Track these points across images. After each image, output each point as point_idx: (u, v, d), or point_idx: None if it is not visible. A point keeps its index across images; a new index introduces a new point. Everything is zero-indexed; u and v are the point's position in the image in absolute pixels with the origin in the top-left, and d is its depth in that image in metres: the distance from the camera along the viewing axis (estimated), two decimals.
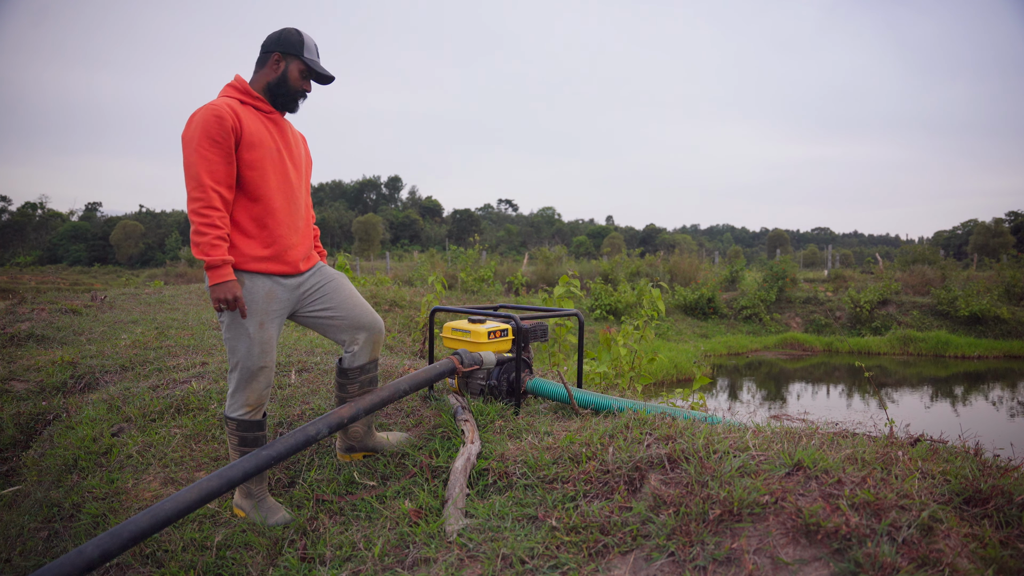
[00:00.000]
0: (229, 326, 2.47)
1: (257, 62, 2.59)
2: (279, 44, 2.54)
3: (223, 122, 2.36)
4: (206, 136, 2.33)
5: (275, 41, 2.54)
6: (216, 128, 2.34)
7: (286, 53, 2.53)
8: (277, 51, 2.53)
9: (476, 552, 1.91)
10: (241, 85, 2.53)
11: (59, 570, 1.78)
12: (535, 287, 16.97)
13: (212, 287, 2.35)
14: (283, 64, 2.54)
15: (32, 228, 60.90)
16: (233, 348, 2.48)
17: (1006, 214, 51.53)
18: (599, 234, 60.23)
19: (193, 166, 2.33)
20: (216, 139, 2.34)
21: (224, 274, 2.34)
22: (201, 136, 2.33)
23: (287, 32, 2.56)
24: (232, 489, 2.26)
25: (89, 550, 1.84)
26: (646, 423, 2.37)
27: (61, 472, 3.22)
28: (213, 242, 2.32)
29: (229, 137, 2.38)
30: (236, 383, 2.52)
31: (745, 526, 1.67)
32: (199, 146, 2.32)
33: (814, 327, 15.29)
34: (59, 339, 6.05)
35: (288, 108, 2.61)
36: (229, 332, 2.48)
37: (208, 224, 2.32)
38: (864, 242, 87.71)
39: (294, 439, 2.31)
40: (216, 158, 2.35)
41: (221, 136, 2.35)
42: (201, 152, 2.33)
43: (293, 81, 2.54)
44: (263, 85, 2.54)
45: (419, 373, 2.71)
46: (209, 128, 2.34)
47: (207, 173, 2.33)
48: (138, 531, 1.94)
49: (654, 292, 6.78)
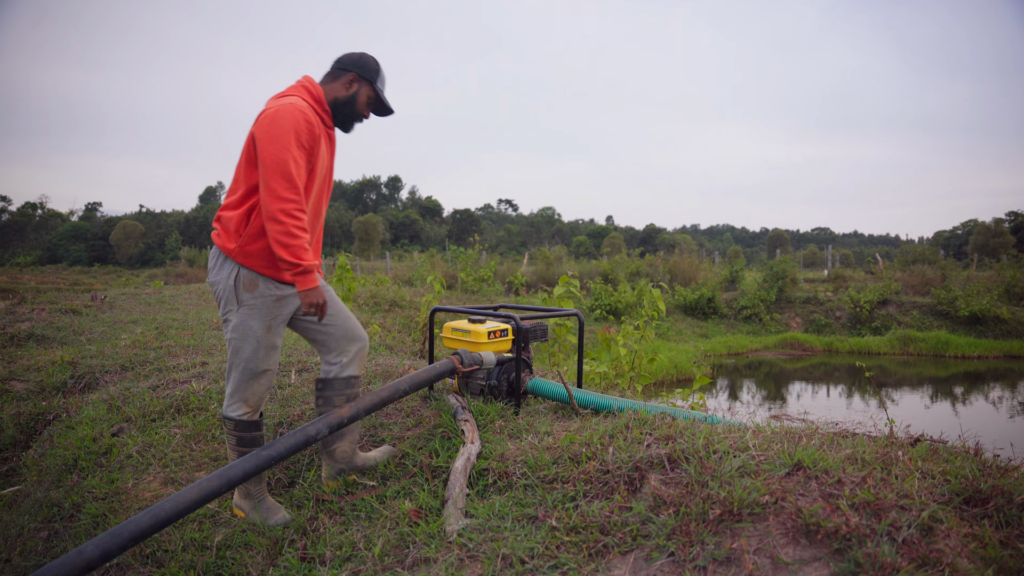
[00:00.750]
0: (237, 326, 2.45)
1: (328, 75, 2.62)
2: (357, 66, 2.60)
3: (312, 129, 2.40)
4: (297, 138, 2.34)
5: (354, 62, 2.60)
6: (306, 134, 2.37)
7: (361, 77, 2.59)
8: (354, 72, 2.59)
9: (476, 552, 1.91)
10: (316, 93, 2.54)
11: (59, 570, 1.78)
12: (535, 287, 16.96)
13: (307, 291, 2.38)
14: (356, 86, 2.59)
15: (32, 228, 60.92)
16: (238, 348, 2.47)
17: (1006, 214, 51.55)
18: (599, 234, 60.23)
19: (285, 164, 2.31)
20: (304, 144, 2.37)
21: (315, 279, 2.39)
22: (293, 137, 2.33)
23: (367, 57, 2.62)
24: (232, 489, 2.26)
25: (89, 550, 1.84)
26: (646, 423, 2.37)
27: (61, 472, 3.22)
28: (305, 246, 2.35)
29: (314, 145, 2.42)
30: (236, 383, 2.51)
31: (745, 526, 1.67)
32: (291, 146, 2.32)
33: (814, 327, 15.29)
34: (59, 339, 6.05)
35: (344, 128, 2.65)
36: (236, 332, 2.45)
37: (300, 228, 2.33)
38: (864, 242, 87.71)
39: (294, 439, 2.31)
40: (302, 162, 2.37)
41: (309, 142, 2.39)
42: (292, 153, 2.32)
43: (360, 105, 2.60)
44: (331, 99, 2.57)
45: (419, 373, 2.70)
46: (300, 131, 2.35)
47: (297, 176, 2.34)
48: (138, 531, 1.94)
49: (654, 292, 6.78)
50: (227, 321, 2.48)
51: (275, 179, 2.29)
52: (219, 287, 2.48)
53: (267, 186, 2.30)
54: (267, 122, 2.34)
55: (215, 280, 2.49)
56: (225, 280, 2.45)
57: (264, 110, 2.41)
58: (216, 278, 2.48)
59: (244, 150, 2.44)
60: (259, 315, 2.45)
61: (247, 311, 2.45)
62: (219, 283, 2.47)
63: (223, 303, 2.48)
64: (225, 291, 2.45)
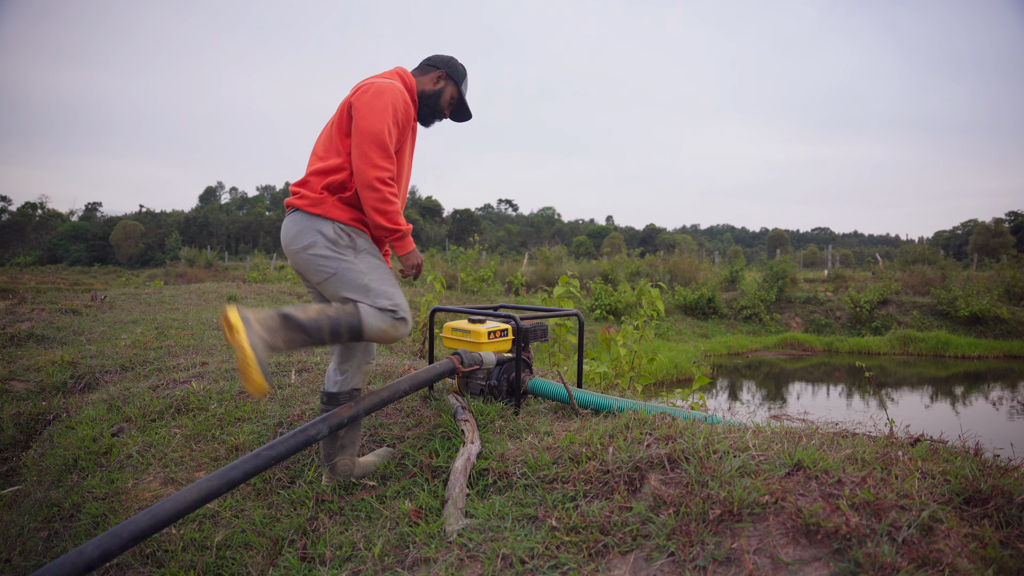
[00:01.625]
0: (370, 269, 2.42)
1: (418, 69, 2.71)
2: (447, 66, 2.71)
3: (408, 110, 2.49)
4: (394, 115, 2.41)
5: (445, 62, 2.71)
6: (403, 113, 2.45)
7: (449, 76, 2.70)
8: (444, 70, 2.69)
9: (476, 552, 1.91)
10: (409, 82, 2.61)
11: (59, 570, 1.78)
12: (535, 287, 16.96)
13: (407, 254, 2.48)
14: (443, 83, 2.69)
15: (32, 228, 60.90)
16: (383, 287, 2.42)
17: (1006, 214, 51.56)
18: (599, 234, 60.20)
19: (382, 135, 2.35)
20: (399, 123, 2.45)
21: (411, 242, 2.48)
22: (392, 112, 2.40)
23: (456, 61, 2.74)
24: (232, 489, 2.25)
25: (89, 550, 1.84)
26: (646, 423, 2.37)
27: (61, 472, 3.22)
28: (400, 211, 2.42)
29: (405, 127, 2.49)
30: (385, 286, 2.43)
31: (745, 526, 1.67)
32: (388, 120, 2.38)
33: (814, 327, 15.29)
34: (59, 339, 6.05)
35: (425, 122, 2.73)
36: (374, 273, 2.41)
37: (394, 194, 2.39)
38: (864, 242, 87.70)
39: (295, 440, 2.31)
40: (395, 137, 2.43)
41: (404, 121, 2.47)
42: (388, 126, 2.38)
43: (443, 102, 2.69)
44: (419, 91, 2.65)
45: (419, 373, 2.70)
46: (398, 109, 2.42)
47: (391, 146, 2.39)
48: (138, 531, 1.94)
49: (654, 292, 6.78)
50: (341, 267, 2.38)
51: (371, 148, 2.34)
52: (317, 247, 2.39)
53: (363, 154, 2.34)
54: (369, 94, 2.39)
55: (308, 241, 2.40)
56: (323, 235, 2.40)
57: (364, 84, 2.45)
58: (310, 239, 2.40)
59: (337, 122, 2.47)
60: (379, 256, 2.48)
61: (367, 256, 2.45)
62: (315, 243, 2.40)
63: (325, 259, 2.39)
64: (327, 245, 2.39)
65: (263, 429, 3.19)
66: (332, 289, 2.43)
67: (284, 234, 2.51)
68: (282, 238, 2.52)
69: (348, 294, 2.40)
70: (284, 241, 2.50)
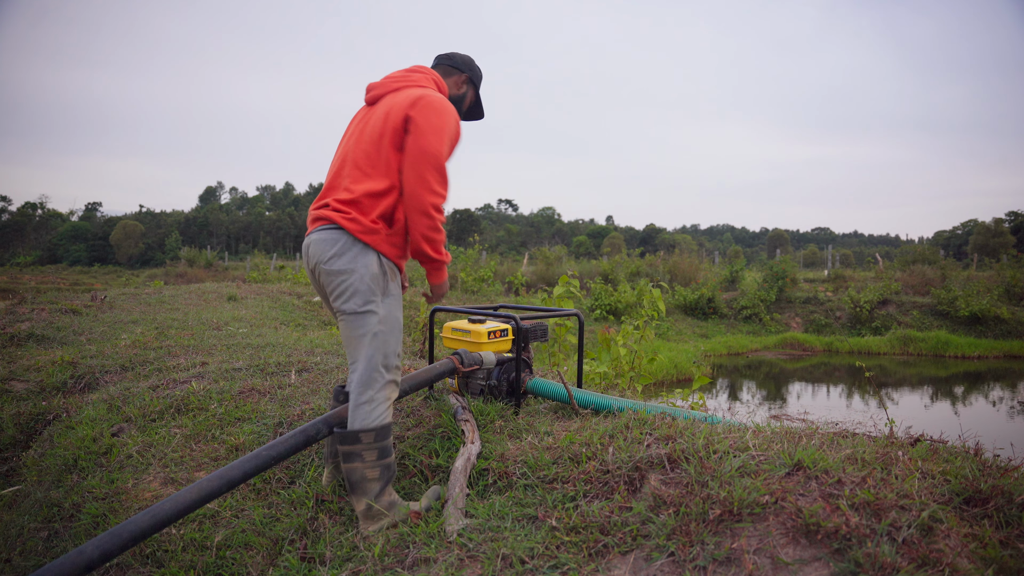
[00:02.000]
0: (385, 318, 2.27)
1: (440, 70, 2.64)
2: (469, 69, 2.66)
3: (459, 128, 2.41)
4: (451, 136, 2.34)
5: (467, 65, 2.66)
6: (455, 133, 2.39)
7: (471, 80, 2.68)
8: (467, 74, 2.66)
9: (476, 552, 1.91)
10: (443, 91, 2.55)
11: (59, 570, 1.78)
12: (535, 287, 16.97)
13: (440, 284, 2.47)
14: (465, 88, 2.67)
15: (32, 228, 60.95)
16: (386, 341, 2.28)
17: (1006, 214, 51.59)
18: (599, 234, 60.22)
19: (441, 158, 2.27)
20: (452, 142, 2.37)
21: (446, 271, 2.46)
22: (449, 134, 2.32)
23: (475, 62, 2.71)
24: (232, 489, 2.25)
25: (89, 550, 1.84)
26: (646, 423, 2.37)
27: (61, 472, 3.22)
28: (444, 240, 2.37)
29: (455, 145, 2.41)
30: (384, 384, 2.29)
31: (745, 526, 1.67)
32: (447, 141, 2.30)
33: (814, 327, 15.29)
34: (59, 339, 6.05)
35: None
36: (385, 325, 2.26)
37: (443, 222, 2.35)
38: (864, 242, 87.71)
39: (294, 440, 2.31)
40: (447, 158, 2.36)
41: (455, 140, 2.39)
42: (447, 151, 2.31)
43: (464, 106, 2.69)
44: (448, 97, 2.59)
45: (419, 373, 2.70)
46: (453, 135, 2.36)
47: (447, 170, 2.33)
48: (138, 531, 1.94)
49: (655, 292, 6.78)
50: (367, 313, 2.24)
51: (431, 171, 2.23)
52: (354, 276, 2.23)
53: (421, 177, 2.22)
54: (431, 110, 2.27)
55: (347, 268, 2.23)
56: (366, 268, 2.24)
57: (422, 98, 2.30)
58: (350, 265, 2.23)
59: (388, 132, 2.29)
60: (399, 304, 2.34)
61: (394, 301, 2.31)
62: (355, 272, 2.23)
63: (358, 294, 2.24)
64: (367, 279, 2.24)
65: (263, 429, 3.19)
66: (347, 324, 2.28)
67: (317, 248, 2.30)
68: (312, 250, 2.31)
69: (357, 336, 2.27)
70: (315, 255, 2.30)
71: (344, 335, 2.30)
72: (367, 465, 2.25)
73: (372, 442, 2.25)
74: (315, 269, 2.33)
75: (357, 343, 2.26)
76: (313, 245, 2.32)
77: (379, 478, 2.27)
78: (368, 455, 2.25)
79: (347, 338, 2.30)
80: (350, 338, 2.28)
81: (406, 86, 2.42)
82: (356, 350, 2.27)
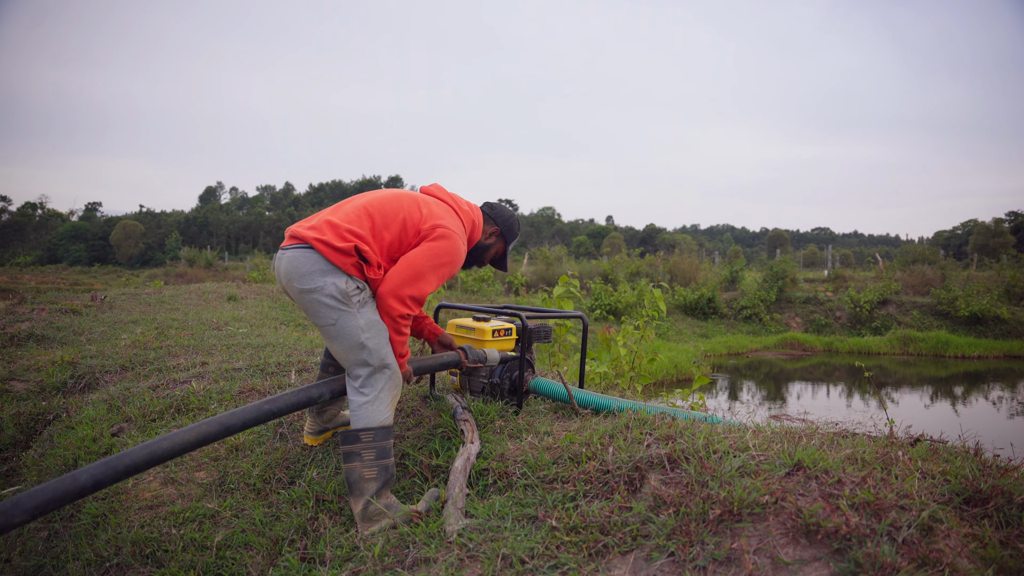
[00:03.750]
0: (369, 325, 2.35)
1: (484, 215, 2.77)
2: (505, 225, 2.81)
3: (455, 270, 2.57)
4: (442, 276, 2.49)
5: (504, 220, 2.81)
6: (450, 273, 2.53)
7: (503, 235, 2.82)
8: (500, 228, 2.80)
9: (476, 552, 1.91)
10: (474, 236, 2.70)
11: (52, 491, 1.79)
12: (535, 287, 16.97)
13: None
14: (494, 240, 2.81)
15: (32, 228, 60.93)
16: (378, 346, 2.35)
17: (1006, 214, 51.56)
18: (599, 234, 60.18)
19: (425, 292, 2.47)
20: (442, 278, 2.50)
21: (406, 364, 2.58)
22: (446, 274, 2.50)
23: (515, 221, 2.85)
24: (228, 436, 2.26)
25: (83, 477, 1.85)
26: (646, 423, 2.37)
27: (61, 472, 3.22)
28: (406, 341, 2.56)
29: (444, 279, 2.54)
30: (384, 384, 2.37)
31: (745, 526, 1.67)
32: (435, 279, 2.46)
33: (814, 327, 15.29)
34: (59, 339, 6.05)
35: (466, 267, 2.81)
36: (370, 331, 2.34)
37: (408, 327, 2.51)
38: (864, 242, 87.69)
39: (296, 397, 2.34)
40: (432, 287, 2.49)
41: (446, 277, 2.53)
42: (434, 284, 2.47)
43: (487, 256, 2.83)
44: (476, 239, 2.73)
45: (425, 358, 2.72)
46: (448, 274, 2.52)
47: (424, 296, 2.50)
48: (132, 464, 1.94)
49: (655, 292, 6.78)
50: (357, 328, 2.34)
51: (411, 289, 2.39)
52: (327, 290, 2.32)
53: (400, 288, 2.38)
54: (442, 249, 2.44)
55: (319, 284, 2.32)
56: (335, 283, 2.33)
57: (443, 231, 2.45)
58: (320, 283, 2.32)
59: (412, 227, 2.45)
60: (374, 307, 2.44)
61: (372, 309, 2.40)
62: (326, 286, 2.32)
63: (328, 309, 2.33)
64: (337, 293, 2.32)
65: (263, 429, 3.19)
66: (331, 340, 2.38)
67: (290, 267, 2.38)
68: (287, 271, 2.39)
69: (344, 350, 2.36)
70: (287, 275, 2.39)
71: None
72: (365, 465, 2.29)
73: (371, 441, 2.30)
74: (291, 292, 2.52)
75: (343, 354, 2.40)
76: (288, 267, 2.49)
77: (376, 479, 2.29)
78: (367, 454, 2.30)
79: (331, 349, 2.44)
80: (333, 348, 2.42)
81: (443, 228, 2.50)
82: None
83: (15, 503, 1.73)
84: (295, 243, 2.40)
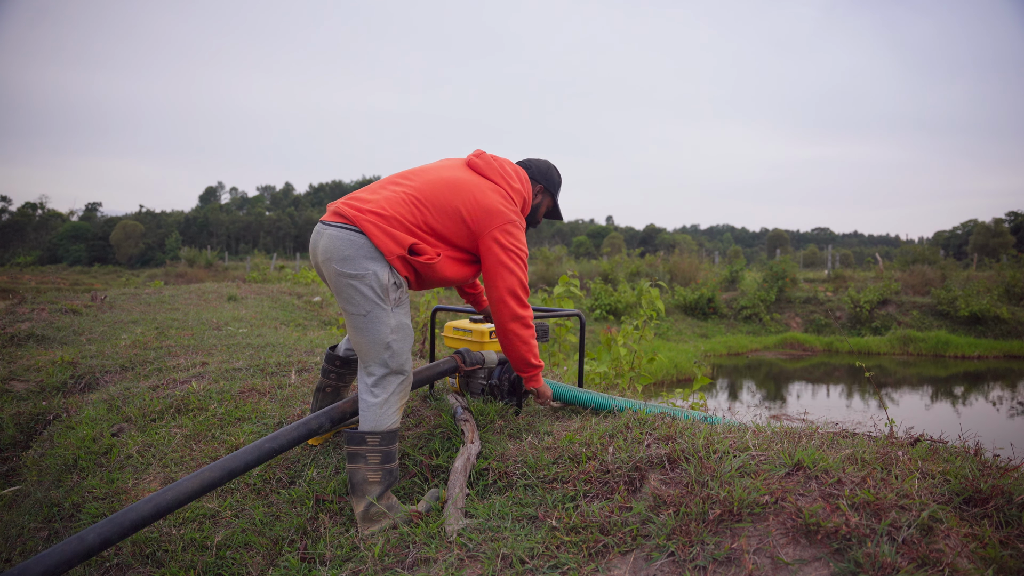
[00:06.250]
0: (397, 327, 2.33)
1: (527, 174, 2.76)
2: (545, 180, 2.80)
3: None
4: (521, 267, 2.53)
5: (543, 176, 2.80)
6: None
7: (547, 190, 2.82)
8: (543, 184, 2.80)
9: (476, 552, 1.91)
10: (526, 207, 2.68)
11: (60, 555, 1.78)
12: (535, 287, 16.96)
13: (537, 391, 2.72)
14: (541, 198, 2.81)
15: (32, 228, 60.91)
16: (400, 350, 2.34)
17: (1006, 214, 51.51)
18: (599, 234, 60.17)
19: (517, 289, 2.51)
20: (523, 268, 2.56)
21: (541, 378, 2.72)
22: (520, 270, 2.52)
23: (553, 171, 2.84)
24: (233, 479, 2.24)
25: (90, 537, 1.85)
26: (646, 423, 2.37)
27: (61, 472, 3.22)
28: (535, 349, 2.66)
29: None
30: (396, 388, 2.36)
31: (745, 526, 1.67)
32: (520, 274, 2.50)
33: (814, 327, 15.29)
34: (59, 339, 6.05)
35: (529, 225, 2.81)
36: (397, 334, 2.33)
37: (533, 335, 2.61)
38: (864, 242, 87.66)
39: (296, 432, 2.32)
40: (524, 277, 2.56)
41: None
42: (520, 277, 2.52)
43: (539, 214, 2.85)
44: (528, 208, 2.73)
45: (422, 370, 2.71)
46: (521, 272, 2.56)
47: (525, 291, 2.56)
48: (139, 519, 1.93)
49: (653, 292, 6.78)
50: (383, 322, 2.30)
51: (511, 298, 2.44)
52: (368, 280, 2.26)
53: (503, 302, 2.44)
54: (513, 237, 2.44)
55: (362, 272, 2.26)
56: (378, 273, 2.27)
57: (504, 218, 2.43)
58: (363, 270, 2.26)
59: (469, 217, 2.39)
60: (407, 310, 2.42)
61: (404, 311, 2.37)
62: (368, 275, 2.26)
63: (364, 299, 2.28)
64: (377, 286, 2.27)
65: (263, 429, 3.19)
66: (356, 331, 2.33)
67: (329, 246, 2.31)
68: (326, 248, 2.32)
69: (367, 343, 2.32)
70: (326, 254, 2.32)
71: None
72: (369, 467, 2.29)
73: (377, 444, 2.29)
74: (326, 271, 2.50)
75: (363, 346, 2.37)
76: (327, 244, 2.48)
77: (380, 482, 2.29)
78: (372, 457, 2.29)
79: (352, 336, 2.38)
80: (354, 337, 2.37)
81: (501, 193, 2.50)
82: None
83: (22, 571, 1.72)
84: (340, 221, 2.32)
